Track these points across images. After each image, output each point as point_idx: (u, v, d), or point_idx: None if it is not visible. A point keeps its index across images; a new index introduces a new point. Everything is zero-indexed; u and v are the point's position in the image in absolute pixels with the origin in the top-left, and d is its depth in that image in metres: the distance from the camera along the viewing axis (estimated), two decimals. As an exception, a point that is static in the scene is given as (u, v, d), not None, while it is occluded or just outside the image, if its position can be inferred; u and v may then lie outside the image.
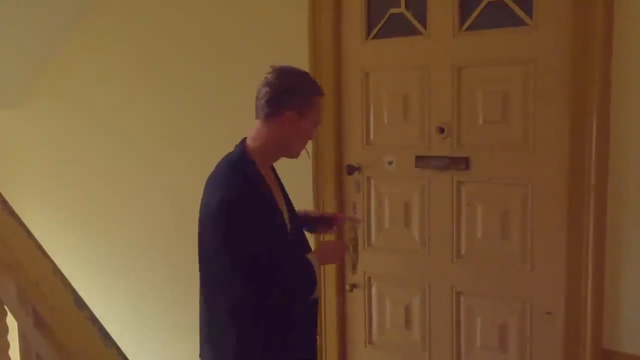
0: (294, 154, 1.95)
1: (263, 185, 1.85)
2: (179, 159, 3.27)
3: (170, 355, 3.47)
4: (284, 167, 2.38)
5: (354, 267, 2.68)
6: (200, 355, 1.99)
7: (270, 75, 1.85)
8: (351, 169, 2.65)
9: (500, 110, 2.30)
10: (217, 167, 1.90)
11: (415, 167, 2.50)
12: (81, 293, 1.47)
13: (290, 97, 1.82)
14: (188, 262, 2.50)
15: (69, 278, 1.48)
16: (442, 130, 2.42)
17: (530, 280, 2.30)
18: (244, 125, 1.97)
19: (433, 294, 2.53)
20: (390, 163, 2.57)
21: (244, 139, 1.90)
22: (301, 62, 2.61)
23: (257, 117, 1.87)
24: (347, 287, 2.72)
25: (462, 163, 2.39)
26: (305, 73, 1.93)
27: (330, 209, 2.67)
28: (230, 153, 1.90)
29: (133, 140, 3.47)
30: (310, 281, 1.87)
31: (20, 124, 4.02)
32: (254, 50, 2.86)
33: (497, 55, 2.29)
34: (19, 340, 1.63)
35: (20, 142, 4.05)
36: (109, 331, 1.43)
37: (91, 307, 1.46)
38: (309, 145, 2.01)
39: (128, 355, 1.44)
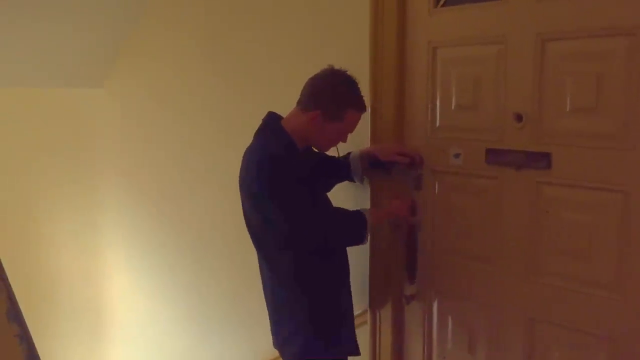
0: (319, 148, 2.09)
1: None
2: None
3: (231, 342, 3.30)
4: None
5: (412, 276, 2.32)
6: (276, 341, 2.12)
7: (322, 72, 1.97)
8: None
9: (593, 95, 1.78)
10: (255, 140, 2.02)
11: (486, 162, 2.05)
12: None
13: (324, 101, 1.93)
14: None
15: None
16: (519, 118, 1.95)
17: (622, 313, 1.80)
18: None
19: (502, 317, 2.09)
20: (456, 156, 2.14)
21: (273, 114, 2.02)
22: (361, 33, 2.27)
23: (297, 104, 2.01)
24: (404, 299, 2.33)
25: (542, 160, 1.91)
26: (354, 85, 1.97)
27: (384, 205, 2.30)
28: (265, 128, 2.01)
29: (203, 125, 3.29)
30: (358, 221, 1.99)
31: (101, 103, 4.01)
32: (312, 19, 2.54)
33: (592, 24, 1.76)
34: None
35: (101, 120, 4.04)
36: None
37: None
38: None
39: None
